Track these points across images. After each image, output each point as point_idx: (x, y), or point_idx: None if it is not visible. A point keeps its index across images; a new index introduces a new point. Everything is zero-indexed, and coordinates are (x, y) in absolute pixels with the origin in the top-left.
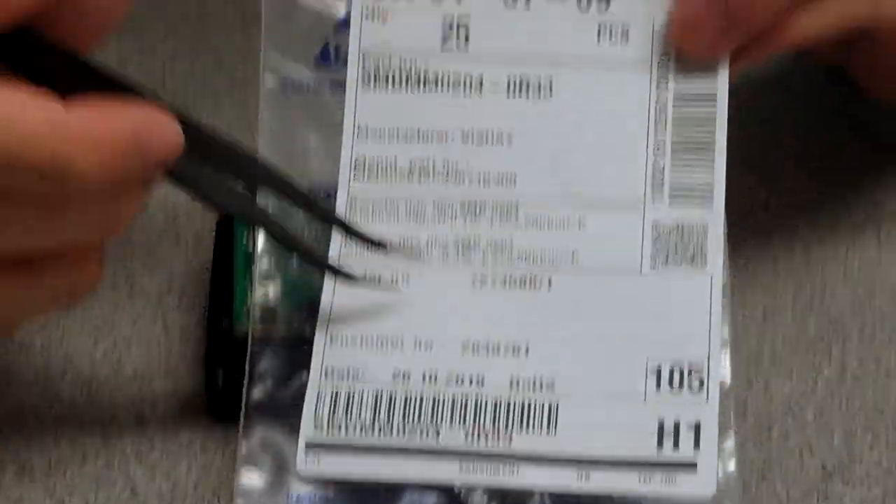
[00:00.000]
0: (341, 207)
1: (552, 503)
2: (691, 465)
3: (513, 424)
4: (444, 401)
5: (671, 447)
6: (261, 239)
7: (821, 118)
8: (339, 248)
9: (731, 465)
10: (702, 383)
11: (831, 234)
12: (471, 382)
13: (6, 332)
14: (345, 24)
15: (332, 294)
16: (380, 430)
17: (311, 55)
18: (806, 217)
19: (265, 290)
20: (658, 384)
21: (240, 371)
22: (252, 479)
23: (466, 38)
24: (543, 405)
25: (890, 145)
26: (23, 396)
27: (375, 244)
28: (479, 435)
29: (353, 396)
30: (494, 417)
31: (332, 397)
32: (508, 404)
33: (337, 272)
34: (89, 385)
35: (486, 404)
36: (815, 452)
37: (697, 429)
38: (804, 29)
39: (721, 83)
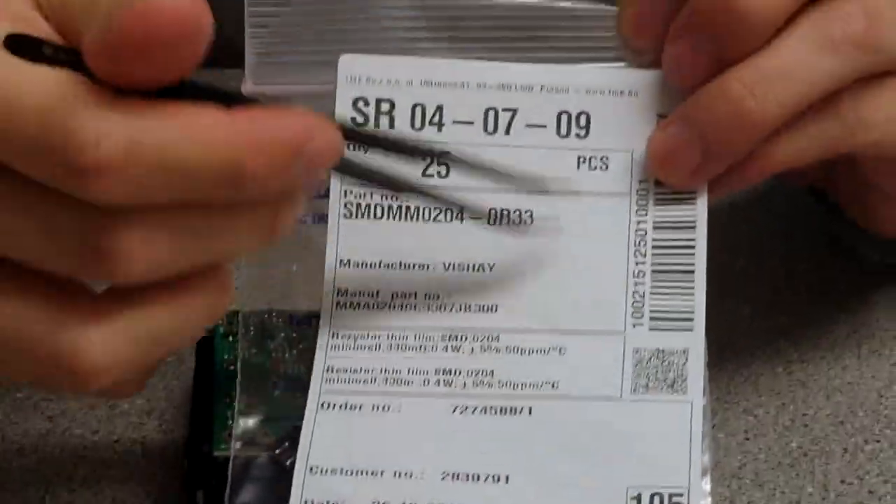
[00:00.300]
0: (324, 337)
1: None
2: None
3: None
4: None
5: None
6: (241, 364)
7: (803, 239)
8: (322, 367)
9: None
10: None
11: (812, 353)
12: None
13: (140, 383)
14: None
15: (313, 423)
16: None
17: None
18: (787, 337)
19: (246, 416)
20: None
21: (220, 495)
22: None
23: (447, 169)
24: None
25: (873, 265)
26: None
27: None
28: None
29: None
30: None
31: None
32: None
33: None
34: None
35: None
36: None
37: None
38: (782, 157)
39: (700, 210)
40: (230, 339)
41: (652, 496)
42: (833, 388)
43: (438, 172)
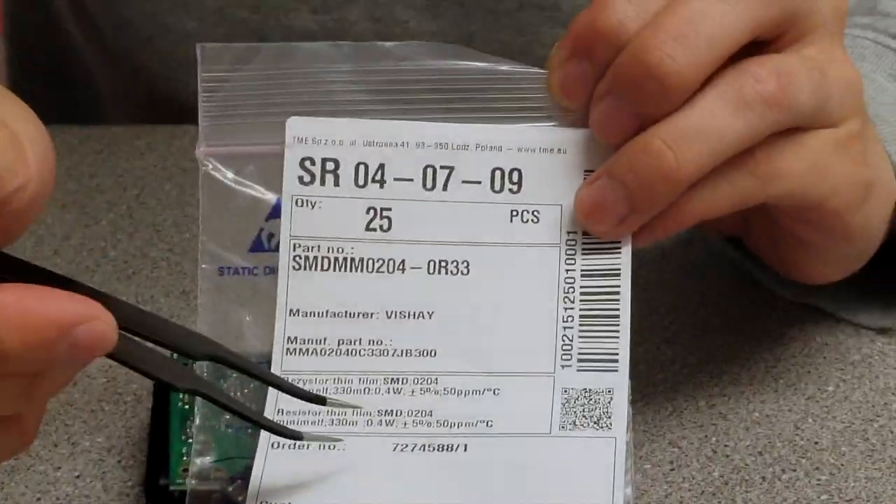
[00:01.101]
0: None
1: None
2: None
3: None
4: None
5: None
6: (197, 404)
7: (722, 281)
8: (273, 410)
9: None
10: None
11: (733, 388)
12: None
13: None
14: (276, 211)
15: (263, 462)
16: None
17: (246, 243)
18: (709, 373)
19: (202, 455)
20: None
21: None
22: None
23: (389, 223)
24: None
25: (788, 305)
26: None
27: (314, 398)
28: None
29: None
30: None
31: None
32: None
33: (278, 430)
34: None
35: None
36: None
37: None
38: (701, 208)
39: (625, 258)
40: None
41: None
42: (752, 421)
43: (381, 226)
